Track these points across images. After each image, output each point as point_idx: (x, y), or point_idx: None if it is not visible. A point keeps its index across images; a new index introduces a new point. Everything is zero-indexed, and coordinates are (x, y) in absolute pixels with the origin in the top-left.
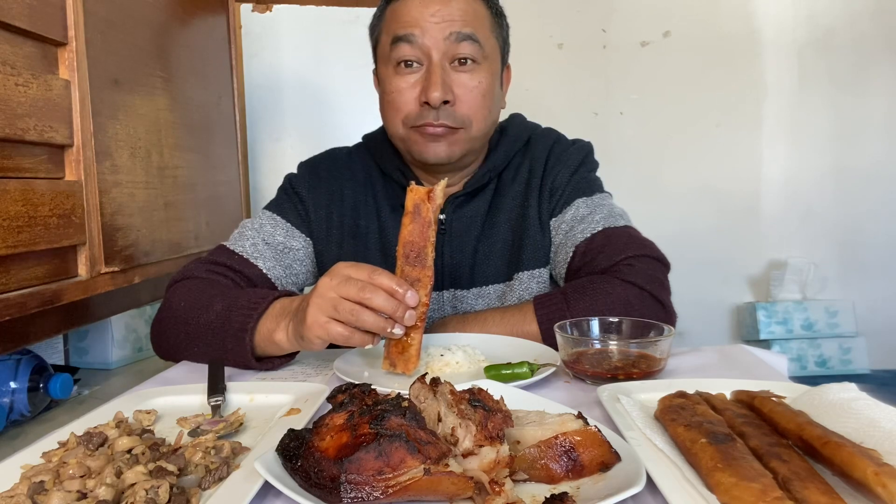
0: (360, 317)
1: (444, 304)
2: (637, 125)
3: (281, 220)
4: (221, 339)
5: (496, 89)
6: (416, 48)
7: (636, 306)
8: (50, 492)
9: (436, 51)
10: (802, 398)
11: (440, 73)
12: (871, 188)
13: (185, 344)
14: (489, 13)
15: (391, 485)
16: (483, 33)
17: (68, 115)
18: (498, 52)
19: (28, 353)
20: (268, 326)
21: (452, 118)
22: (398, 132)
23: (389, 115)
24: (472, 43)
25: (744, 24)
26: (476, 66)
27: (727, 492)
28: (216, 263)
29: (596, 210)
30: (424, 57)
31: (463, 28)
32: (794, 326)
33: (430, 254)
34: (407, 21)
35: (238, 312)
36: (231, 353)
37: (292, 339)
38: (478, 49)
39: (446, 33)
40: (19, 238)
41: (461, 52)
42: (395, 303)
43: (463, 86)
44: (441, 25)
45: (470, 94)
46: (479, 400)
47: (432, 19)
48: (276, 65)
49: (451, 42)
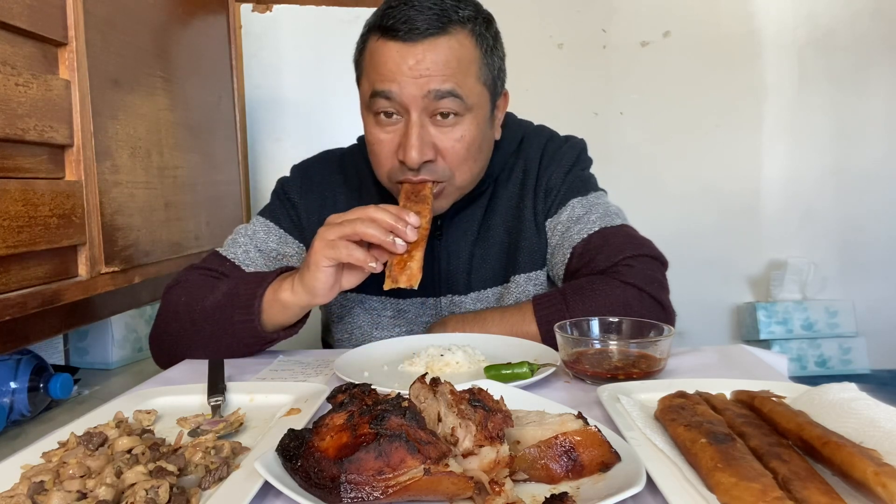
0: (362, 228)
1: (442, 310)
2: (637, 125)
3: (274, 226)
4: (229, 313)
5: (484, 134)
6: (394, 103)
7: (635, 307)
8: (50, 492)
9: (414, 108)
10: (802, 398)
11: (418, 133)
12: (871, 188)
13: (190, 333)
14: (479, 52)
15: (391, 485)
16: (467, 84)
17: (68, 115)
18: (487, 96)
19: (28, 353)
20: (274, 290)
21: (433, 173)
22: (386, 185)
23: (373, 163)
24: (452, 99)
25: (744, 25)
26: (459, 119)
27: (727, 492)
28: (208, 269)
29: (591, 210)
30: (403, 111)
31: (442, 85)
32: (794, 326)
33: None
34: (384, 74)
35: (245, 287)
36: (238, 327)
37: (297, 291)
38: (460, 104)
39: (424, 91)
40: (19, 238)
41: (441, 109)
42: (396, 217)
43: (445, 139)
44: (419, 81)
45: (452, 149)
46: (479, 400)
47: (410, 73)
48: (276, 65)
49: (431, 99)
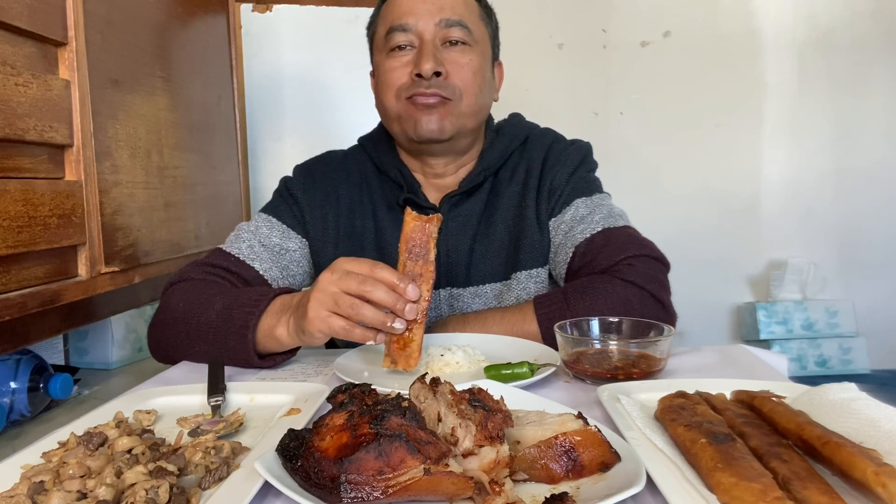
0: (360, 311)
1: (441, 303)
2: (637, 125)
3: (277, 222)
4: (223, 337)
5: (487, 73)
6: (409, 34)
7: (636, 306)
8: (50, 492)
9: (427, 33)
10: (802, 398)
11: (432, 49)
12: (871, 188)
13: (186, 344)
14: (479, 6)
15: (391, 485)
16: (473, 21)
17: (68, 115)
18: (488, 41)
19: (28, 353)
20: (269, 322)
21: (444, 88)
22: (392, 108)
23: (383, 93)
24: (461, 28)
25: (744, 24)
26: (466, 48)
27: (727, 492)
28: (213, 266)
29: (595, 210)
30: (417, 39)
31: (452, 15)
32: (794, 326)
33: (431, 249)
34: (403, 10)
35: (239, 311)
36: (233, 351)
37: (293, 334)
38: (467, 34)
39: (437, 19)
40: (19, 238)
41: (451, 36)
42: (396, 296)
43: (454, 62)
44: (432, 11)
45: (461, 69)
46: (479, 400)
47: (424, 6)
48: (276, 65)
49: (442, 27)
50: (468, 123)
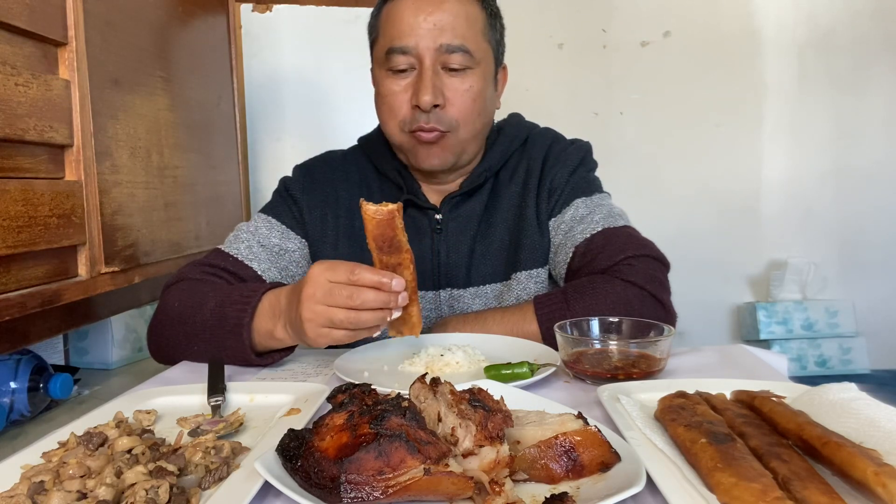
0: (359, 320)
1: (441, 304)
2: (637, 125)
3: (276, 222)
4: (220, 337)
5: (488, 92)
6: (409, 57)
7: (636, 306)
8: (50, 492)
9: (427, 58)
10: (802, 398)
11: (431, 77)
12: (871, 188)
13: (185, 344)
14: (484, 15)
15: (391, 485)
16: (475, 41)
17: (68, 115)
18: (491, 55)
19: (28, 353)
20: (266, 326)
21: (441, 121)
22: (395, 138)
23: (385, 118)
24: (462, 54)
25: (744, 24)
26: (467, 73)
27: (727, 492)
28: (211, 266)
29: (595, 210)
30: (417, 62)
31: (453, 40)
32: (794, 326)
33: (402, 237)
34: (402, 30)
35: (231, 308)
36: (230, 350)
37: (291, 335)
38: (469, 58)
39: (437, 44)
40: (19, 238)
41: (451, 63)
42: (385, 295)
43: (454, 89)
44: (433, 32)
45: (460, 97)
46: (479, 400)
47: (425, 25)
48: (276, 65)
49: (442, 52)
50: (469, 147)
